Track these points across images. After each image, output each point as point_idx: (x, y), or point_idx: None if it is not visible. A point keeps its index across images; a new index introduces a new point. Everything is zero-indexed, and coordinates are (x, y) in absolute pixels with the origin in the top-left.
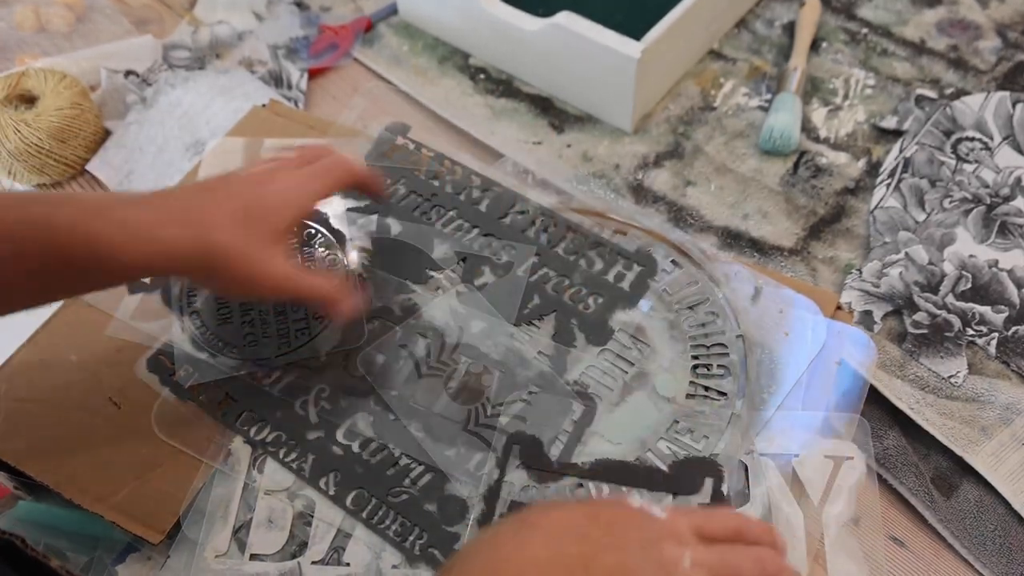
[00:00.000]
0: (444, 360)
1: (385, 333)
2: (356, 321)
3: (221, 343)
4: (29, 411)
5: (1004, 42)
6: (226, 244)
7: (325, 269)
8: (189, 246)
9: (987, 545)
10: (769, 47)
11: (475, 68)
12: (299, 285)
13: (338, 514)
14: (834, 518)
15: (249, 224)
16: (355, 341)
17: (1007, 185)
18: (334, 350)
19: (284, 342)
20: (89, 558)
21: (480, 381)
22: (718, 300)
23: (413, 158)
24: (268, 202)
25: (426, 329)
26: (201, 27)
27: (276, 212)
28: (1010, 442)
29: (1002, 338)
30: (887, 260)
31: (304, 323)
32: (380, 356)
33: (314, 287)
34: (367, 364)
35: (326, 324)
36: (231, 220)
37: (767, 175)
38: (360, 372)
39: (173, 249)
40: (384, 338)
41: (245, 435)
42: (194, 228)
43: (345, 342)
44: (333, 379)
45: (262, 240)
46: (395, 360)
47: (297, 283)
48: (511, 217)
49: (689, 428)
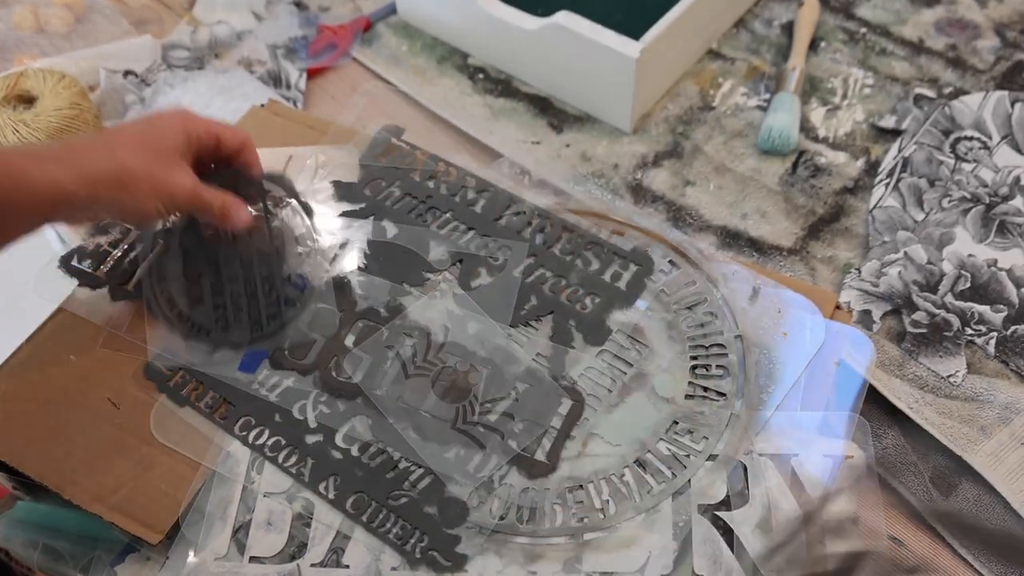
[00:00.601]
0: (431, 359)
1: (371, 334)
2: (328, 310)
3: (194, 327)
4: (28, 411)
5: (1003, 41)
6: (133, 163)
7: (293, 237)
8: (100, 168)
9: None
10: (768, 47)
11: (474, 68)
12: (201, 196)
13: (337, 517)
14: (834, 517)
15: (148, 146)
16: (328, 329)
17: (1006, 184)
18: (305, 340)
19: (256, 326)
20: (88, 558)
21: (467, 379)
22: (716, 300)
23: (408, 160)
24: (159, 130)
25: (412, 329)
26: (200, 27)
27: (168, 135)
28: (1009, 441)
29: (1001, 337)
30: (886, 259)
31: (276, 308)
32: (367, 357)
33: (214, 197)
34: (354, 365)
35: (298, 309)
36: (133, 144)
37: (766, 175)
38: (347, 375)
39: (85, 170)
40: (370, 339)
41: (244, 440)
42: (101, 152)
43: (316, 327)
44: (329, 383)
45: (161, 159)
46: (382, 361)
47: (200, 194)
48: (507, 218)
49: (688, 429)
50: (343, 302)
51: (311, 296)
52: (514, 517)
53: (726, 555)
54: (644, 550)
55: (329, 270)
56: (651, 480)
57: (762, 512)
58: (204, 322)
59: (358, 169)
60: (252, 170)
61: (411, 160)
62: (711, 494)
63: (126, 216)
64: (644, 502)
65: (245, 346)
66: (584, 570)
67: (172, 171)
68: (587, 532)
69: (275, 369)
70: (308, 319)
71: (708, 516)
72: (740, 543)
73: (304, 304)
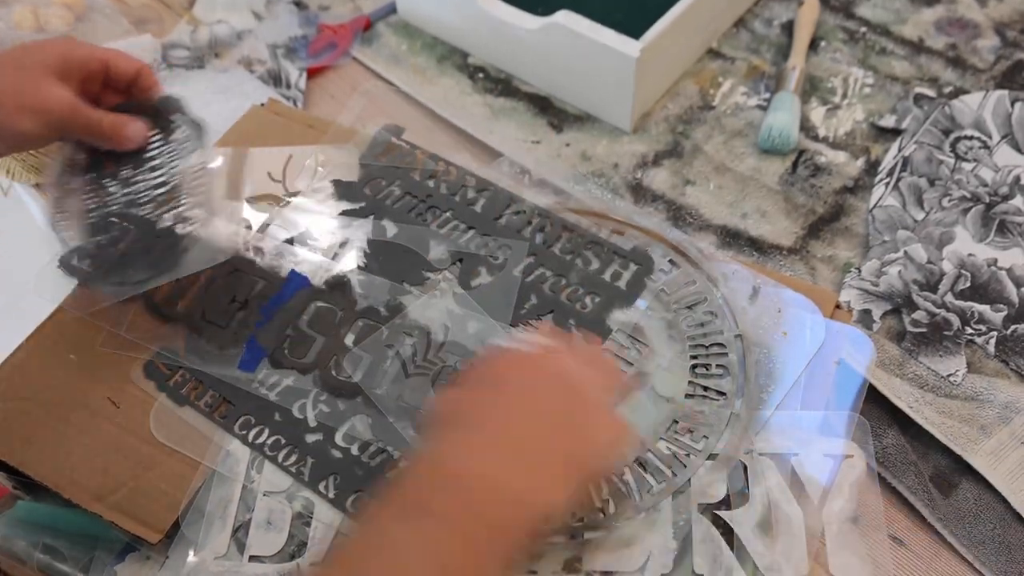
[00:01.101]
0: (431, 359)
1: (371, 333)
2: (328, 309)
3: (101, 267)
4: (28, 410)
5: (1003, 41)
6: (4, 83)
7: (182, 157)
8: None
9: (986, 544)
10: (768, 46)
11: (474, 67)
12: (83, 112)
13: (337, 516)
14: (834, 517)
15: (16, 64)
16: (328, 328)
17: (1006, 184)
18: (305, 339)
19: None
20: (88, 558)
21: None
22: (716, 300)
23: (408, 159)
24: (30, 51)
25: (412, 328)
26: (200, 26)
27: (39, 56)
28: (1009, 441)
29: (1001, 337)
30: (886, 259)
31: (172, 249)
32: (367, 356)
33: (102, 115)
34: (354, 364)
35: (186, 247)
36: (4, 67)
37: (766, 174)
38: (347, 373)
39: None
40: (370, 338)
41: (243, 439)
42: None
43: (315, 326)
44: (329, 382)
45: (32, 76)
46: (382, 360)
47: (80, 110)
48: (507, 217)
49: (688, 428)
50: (343, 301)
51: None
52: None
53: (726, 554)
54: (644, 550)
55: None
56: (651, 479)
57: (762, 511)
58: (107, 264)
59: (358, 168)
60: (150, 93)
61: (411, 159)
62: (711, 493)
63: (5, 137)
64: (644, 501)
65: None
66: (585, 570)
67: (44, 86)
68: (587, 531)
69: (275, 368)
70: (307, 318)
71: (708, 515)
72: (740, 543)
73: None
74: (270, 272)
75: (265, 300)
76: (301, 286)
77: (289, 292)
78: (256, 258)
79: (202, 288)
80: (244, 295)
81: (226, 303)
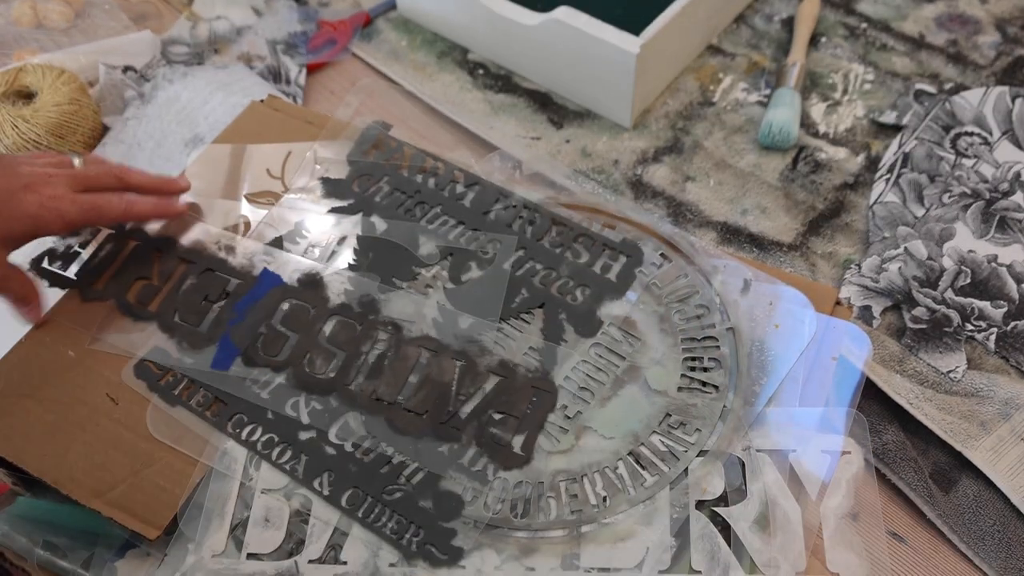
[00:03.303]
0: (404, 353)
1: (345, 329)
2: (301, 306)
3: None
4: (26, 407)
5: (1003, 37)
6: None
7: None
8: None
9: (986, 540)
10: (768, 42)
11: (474, 63)
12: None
13: (334, 513)
14: (832, 513)
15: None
16: (301, 325)
17: (1006, 180)
18: (278, 336)
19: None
20: (89, 554)
21: (441, 372)
22: (708, 293)
23: (396, 155)
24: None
25: (386, 324)
26: (200, 22)
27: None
28: (1009, 437)
29: (1001, 333)
30: (886, 255)
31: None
32: (340, 352)
33: (19, 284)
34: (327, 360)
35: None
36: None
37: (766, 170)
38: (321, 370)
39: None
40: (344, 334)
41: (237, 438)
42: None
43: (288, 323)
44: (302, 379)
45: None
46: (356, 356)
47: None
48: (496, 212)
49: (681, 421)
50: (315, 298)
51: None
52: (508, 511)
53: (724, 551)
54: (642, 545)
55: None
56: (645, 473)
57: (760, 508)
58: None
59: (346, 165)
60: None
61: (399, 155)
62: (708, 489)
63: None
64: (638, 495)
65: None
66: (582, 566)
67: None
68: (582, 525)
69: (248, 366)
70: (281, 315)
71: (706, 512)
72: (738, 539)
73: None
74: (242, 271)
75: (238, 299)
76: (274, 284)
77: (262, 290)
78: (228, 257)
79: (175, 287)
80: (217, 294)
81: (199, 302)
